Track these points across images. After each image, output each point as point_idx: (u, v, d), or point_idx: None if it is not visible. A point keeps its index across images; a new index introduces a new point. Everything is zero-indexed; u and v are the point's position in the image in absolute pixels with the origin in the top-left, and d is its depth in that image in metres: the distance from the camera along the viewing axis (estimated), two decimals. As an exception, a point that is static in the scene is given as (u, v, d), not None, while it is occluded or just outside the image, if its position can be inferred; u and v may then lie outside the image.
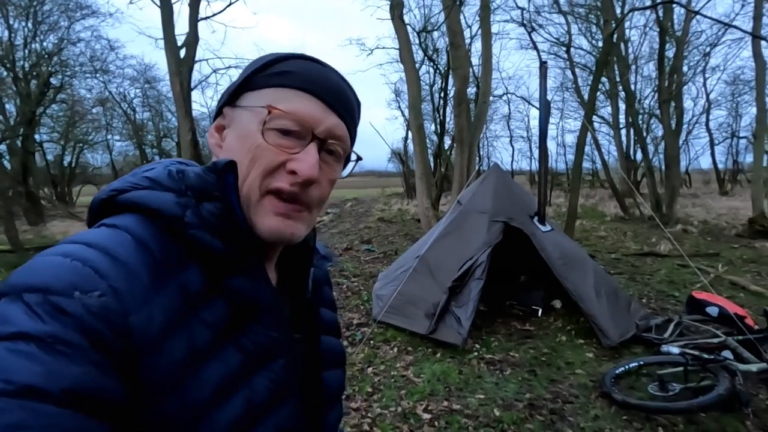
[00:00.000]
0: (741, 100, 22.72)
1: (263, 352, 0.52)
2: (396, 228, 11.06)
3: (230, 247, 0.50)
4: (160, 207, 0.48)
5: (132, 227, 0.47)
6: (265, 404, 0.51)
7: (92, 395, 0.38)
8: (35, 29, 15.81)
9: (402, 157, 21.20)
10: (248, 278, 0.51)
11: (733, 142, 25.31)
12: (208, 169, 0.51)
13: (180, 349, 0.44)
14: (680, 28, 13.38)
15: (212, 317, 0.48)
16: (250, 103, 0.54)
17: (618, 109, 17.26)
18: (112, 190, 0.51)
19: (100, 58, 18.24)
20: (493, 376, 3.48)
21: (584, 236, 9.88)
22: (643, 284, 6.00)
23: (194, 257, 0.49)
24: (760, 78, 10.95)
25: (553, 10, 16.98)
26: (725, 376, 2.92)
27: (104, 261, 0.43)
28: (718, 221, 11.90)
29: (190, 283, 0.47)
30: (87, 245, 0.44)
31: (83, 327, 0.39)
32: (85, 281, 0.41)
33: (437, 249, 4.64)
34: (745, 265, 6.95)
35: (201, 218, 0.49)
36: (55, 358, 0.37)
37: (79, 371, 0.37)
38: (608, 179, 17.27)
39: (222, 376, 0.47)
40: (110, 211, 0.50)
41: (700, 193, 22.71)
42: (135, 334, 0.41)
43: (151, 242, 0.47)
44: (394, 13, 8.87)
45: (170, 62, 10.03)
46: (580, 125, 7.70)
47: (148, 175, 0.52)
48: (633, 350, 3.87)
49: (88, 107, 21.35)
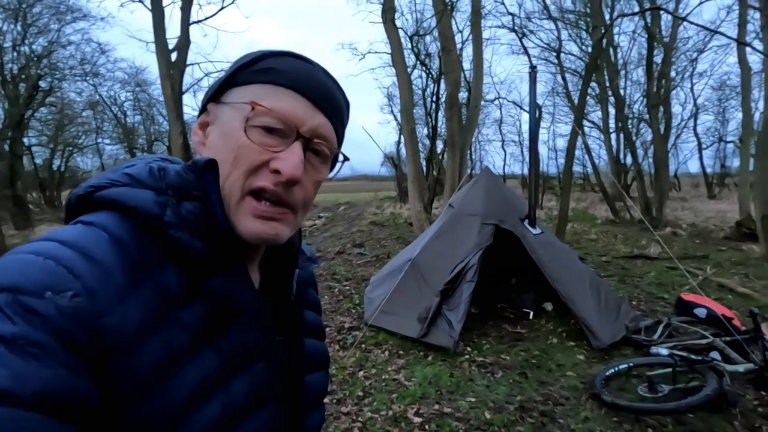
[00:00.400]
0: (728, 105, 23.15)
1: (242, 355, 0.51)
2: (388, 231, 11.06)
3: (210, 248, 0.49)
4: (137, 205, 0.47)
5: (108, 225, 0.46)
6: (244, 407, 0.50)
7: (63, 398, 0.37)
8: (24, 32, 15.62)
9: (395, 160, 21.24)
10: (228, 279, 0.50)
11: (721, 147, 25.73)
12: (188, 168, 0.50)
13: (156, 351, 0.43)
14: (668, 35, 13.63)
15: (190, 319, 0.47)
16: (234, 100, 0.53)
17: (608, 113, 17.46)
18: (89, 186, 0.49)
19: (91, 61, 18.07)
20: (484, 379, 3.47)
21: (575, 239, 9.95)
22: (632, 286, 6.05)
23: (173, 257, 0.47)
24: (745, 83, 11.17)
25: (543, 16, 17.20)
26: (713, 376, 2.95)
27: (78, 260, 0.41)
28: (706, 224, 12.07)
29: (167, 283, 0.46)
30: (61, 243, 0.42)
31: (54, 328, 0.38)
32: (57, 281, 0.39)
33: (429, 252, 4.65)
34: (733, 267, 7.05)
35: (181, 218, 0.48)
36: (25, 360, 0.36)
37: (49, 374, 0.36)
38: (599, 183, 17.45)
39: (199, 379, 0.46)
40: (88, 207, 0.49)
41: (689, 197, 23.03)
42: (108, 335, 0.40)
43: (127, 241, 0.45)
44: (386, 17, 8.91)
45: (161, 66, 9.97)
46: (571, 129, 7.78)
47: (128, 172, 0.50)
48: (623, 352, 3.89)
49: (77, 110, 21.12)
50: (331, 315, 5.00)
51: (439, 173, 15.17)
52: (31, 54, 15.90)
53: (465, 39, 15.71)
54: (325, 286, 6.15)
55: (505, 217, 4.61)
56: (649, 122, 13.79)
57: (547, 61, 19.68)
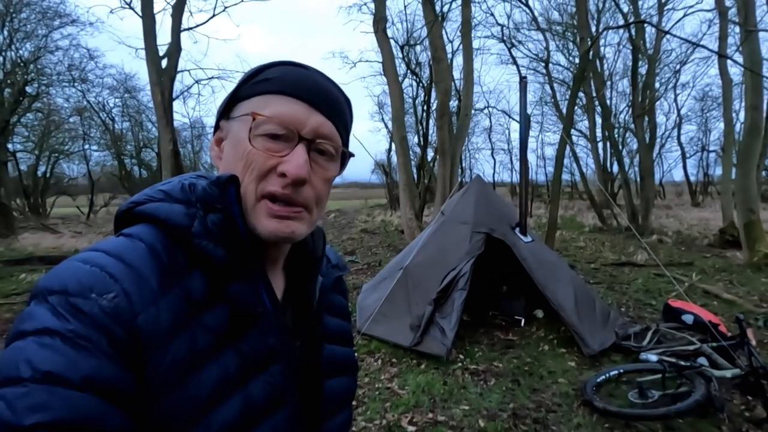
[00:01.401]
0: (710, 116, 23.80)
1: (261, 358, 0.54)
2: (379, 239, 11.07)
3: (232, 256, 0.53)
4: (168, 217, 0.53)
5: (144, 236, 0.52)
6: (262, 408, 0.53)
7: (107, 383, 0.43)
8: (11, 37, 15.42)
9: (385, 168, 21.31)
10: (248, 285, 0.54)
11: (704, 156, 26.38)
12: (212, 183, 0.55)
13: (182, 350, 0.47)
14: (652, 47, 13.98)
15: (213, 322, 0.51)
16: (239, 113, 0.58)
17: (595, 123, 17.80)
18: (131, 203, 0.56)
19: (79, 67, 17.87)
20: (477, 387, 3.48)
21: (564, 246, 10.07)
22: (621, 293, 6.13)
23: (199, 265, 0.52)
24: (726, 95, 11.48)
25: (531, 27, 17.57)
26: (701, 382, 3.00)
27: (118, 267, 0.47)
28: (690, 231, 12.30)
29: (193, 288, 0.51)
30: (105, 253, 0.49)
31: (98, 324, 0.43)
32: (100, 284, 0.45)
33: (420, 260, 4.66)
34: (717, 274, 7.19)
35: (206, 228, 0.53)
36: (76, 350, 0.42)
37: (96, 362, 0.42)
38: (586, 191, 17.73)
39: (219, 379, 0.49)
40: (129, 221, 0.55)
41: (673, 205, 23.50)
42: (142, 332, 0.45)
43: (160, 250, 0.51)
44: (378, 27, 9.00)
45: (151, 72, 9.89)
46: (560, 138, 7.90)
47: (163, 189, 0.57)
48: (613, 358, 3.94)
49: (64, 116, 20.83)
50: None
51: (430, 181, 15.26)
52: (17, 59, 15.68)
53: (455, 49, 15.97)
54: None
55: (496, 226, 4.66)
56: (634, 132, 14.08)
57: (535, 71, 20.08)
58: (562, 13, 17.30)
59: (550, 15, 18.20)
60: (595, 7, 15.83)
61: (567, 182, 29.27)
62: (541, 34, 17.85)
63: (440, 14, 9.77)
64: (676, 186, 31.51)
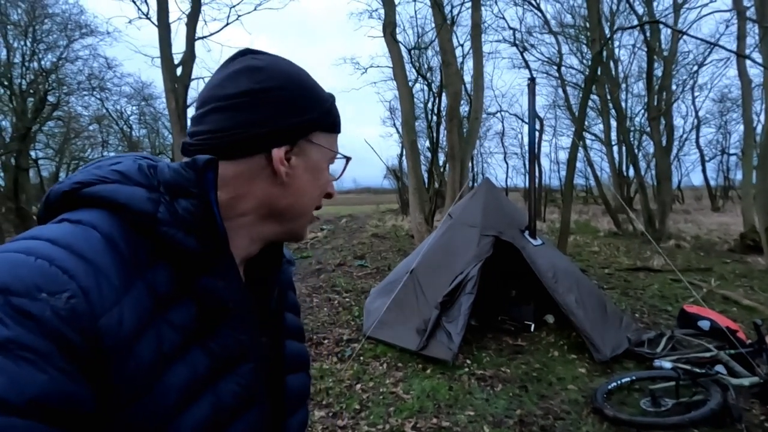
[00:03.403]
0: (729, 118, 23.19)
1: (231, 356, 0.51)
2: (390, 243, 11.03)
3: (205, 246, 0.48)
4: (128, 202, 0.46)
5: (98, 223, 0.44)
6: (232, 409, 0.50)
7: (59, 405, 0.36)
8: (34, 48, 15.94)
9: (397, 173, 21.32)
10: (221, 278, 0.50)
11: (724, 159, 25.71)
12: (187, 165, 0.50)
13: (148, 353, 0.42)
14: (668, 48, 13.73)
15: (181, 319, 0.46)
16: (322, 143, 0.60)
17: (609, 126, 17.50)
18: (76, 183, 0.48)
19: (98, 76, 18.34)
20: (483, 392, 3.41)
21: (577, 251, 9.89)
22: (635, 299, 5.97)
23: (163, 256, 0.47)
24: (746, 96, 11.18)
25: (543, 30, 17.44)
26: (717, 390, 2.89)
27: (71, 260, 0.40)
28: (709, 236, 11.98)
29: (158, 282, 0.45)
30: (51, 242, 0.41)
31: (49, 331, 0.37)
32: (51, 282, 0.38)
33: (427, 263, 4.62)
34: (737, 280, 6.96)
35: (175, 215, 0.47)
36: (19, 365, 0.35)
37: (45, 379, 0.36)
38: (601, 195, 17.43)
39: (188, 381, 0.45)
40: (71, 204, 0.47)
41: (692, 209, 22.93)
42: (105, 337, 0.39)
43: (118, 240, 0.44)
44: (387, 31, 9.04)
45: (166, 80, 10.12)
46: (571, 141, 7.79)
47: (117, 169, 0.49)
48: (625, 365, 3.82)
49: (84, 124, 21.40)
50: (330, 327, 4.96)
51: (440, 185, 15.20)
52: (39, 69, 16.19)
53: (466, 53, 15.93)
54: (324, 298, 6.12)
55: (505, 229, 4.59)
56: (650, 135, 13.80)
57: (548, 74, 19.89)
58: (575, 15, 17.15)
59: (562, 18, 18.06)
60: (608, 9, 15.66)
61: (581, 186, 28.86)
62: (553, 37, 17.72)
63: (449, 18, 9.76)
64: (695, 190, 30.74)
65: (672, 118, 14.58)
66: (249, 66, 0.56)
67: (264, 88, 0.55)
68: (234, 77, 0.55)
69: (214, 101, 0.55)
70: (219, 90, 0.55)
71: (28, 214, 14.52)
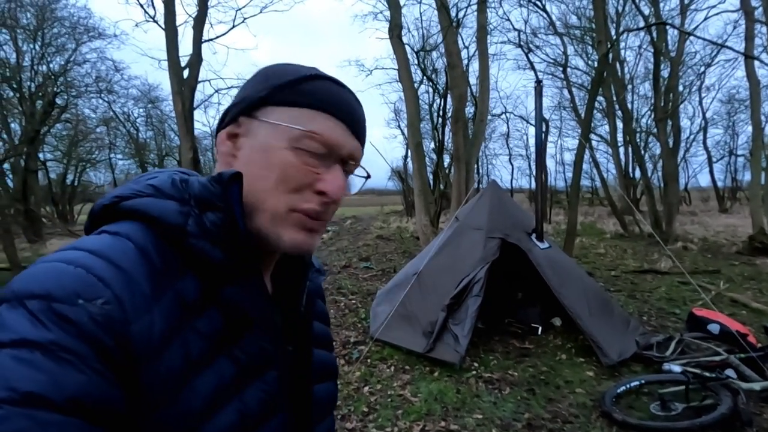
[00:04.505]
0: (737, 119, 23.00)
1: (256, 364, 0.52)
2: (395, 245, 11.04)
3: (230, 257, 0.50)
4: (161, 215, 0.48)
5: (133, 235, 0.47)
6: (257, 416, 0.51)
7: (95, 403, 0.38)
8: (43, 51, 16.13)
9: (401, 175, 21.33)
10: (245, 288, 0.51)
11: (731, 160, 25.49)
12: (214, 180, 0.52)
13: (176, 360, 0.44)
14: (674, 49, 13.64)
15: (207, 327, 0.48)
16: (275, 120, 0.53)
17: (616, 127, 17.40)
18: (115, 197, 0.51)
19: (105, 79, 18.54)
20: (491, 395, 3.41)
21: (583, 253, 9.84)
22: (642, 301, 5.94)
23: (191, 266, 0.49)
24: (754, 97, 11.09)
25: (549, 31, 17.37)
26: (727, 394, 2.87)
27: (107, 269, 0.43)
28: (717, 238, 11.87)
29: (186, 292, 0.47)
30: (90, 252, 0.44)
31: (86, 335, 0.39)
32: (88, 289, 0.41)
33: (434, 266, 4.62)
34: (746, 282, 6.90)
35: (203, 227, 0.49)
36: (59, 366, 0.37)
37: (82, 379, 0.38)
38: (607, 197, 17.33)
39: (214, 388, 0.47)
40: (112, 217, 0.50)
41: (699, 211, 22.74)
42: (136, 343, 0.41)
43: (151, 250, 0.47)
44: (393, 33, 9.06)
45: (173, 82, 10.17)
46: (578, 143, 7.77)
47: (152, 183, 0.52)
48: (633, 369, 3.80)
49: (92, 126, 21.61)
50: (337, 329, 4.97)
51: (446, 187, 15.18)
52: (48, 72, 16.37)
53: (471, 54, 15.92)
54: (330, 300, 6.13)
55: (511, 231, 4.58)
56: (657, 136, 13.72)
57: (553, 75, 19.82)
58: (581, 16, 17.07)
59: (568, 19, 17.99)
60: (614, 11, 15.57)
61: (587, 188, 28.71)
62: (558, 38, 17.65)
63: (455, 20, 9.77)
64: (702, 192, 30.49)
65: (679, 119, 14.49)
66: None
67: (245, 82, 0.59)
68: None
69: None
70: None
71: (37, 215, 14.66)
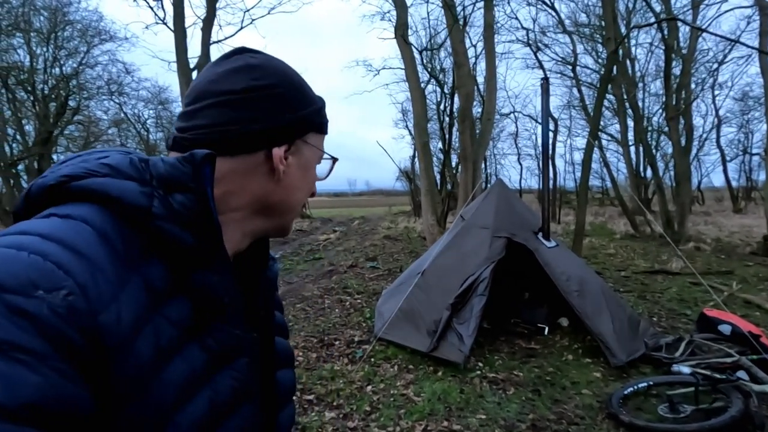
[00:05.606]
0: (751, 117, 22.50)
1: (227, 351, 0.51)
2: (401, 245, 11.01)
3: (200, 241, 0.47)
4: (121, 196, 0.44)
5: (89, 218, 0.43)
6: (228, 404, 0.50)
7: (56, 407, 0.34)
8: (55, 54, 16.41)
9: (409, 175, 21.29)
10: (216, 273, 0.49)
11: (746, 159, 24.97)
12: (185, 159, 0.49)
13: (146, 350, 0.41)
14: (686, 46, 13.42)
15: (176, 314, 0.46)
16: (314, 143, 0.62)
17: (626, 126, 17.15)
18: (63, 176, 0.45)
19: (117, 81, 18.78)
20: (495, 396, 3.37)
21: (592, 253, 9.71)
22: (653, 302, 5.83)
23: (156, 250, 0.46)
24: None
25: (557, 30, 17.21)
26: (738, 397, 2.80)
27: (66, 255, 0.38)
28: (731, 239, 11.65)
29: (153, 278, 0.45)
30: (42, 237, 0.39)
31: (47, 330, 0.35)
32: (47, 278, 0.36)
33: (439, 264, 4.58)
34: (760, 283, 6.75)
35: (170, 209, 0.46)
36: (13, 367, 0.33)
37: (40, 382, 0.34)
38: (617, 196, 17.09)
39: (185, 377, 0.45)
40: (57, 199, 0.45)
41: (712, 211, 22.33)
42: (105, 335, 0.38)
43: (111, 234, 0.43)
44: (399, 33, 9.04)
45: (182, 84, 10.30)
46: (586, 142, 7.67)
47: (106, 162, 0.47)
48: (642, 370, 3.73)
49: (103, 128, 21.91)
50: (341, 328, 4.96)
51: (453, 187, 15.12)
52: (61, 75, 16.65)
53: (478, 53, 15.82)
54: (336, 300, 6.13)
55: (517, 230, 4.53)
56: (668, 135, 13.51)
57: (562, 74, 19.61)
58: (590, 14, 16.87)
59: (577, 17, 17.80)
60: (624, 7, 15.36)
61: (597, 188, 28.36)
62: (567, 36, 17.48)
63: (461, 18, 9.72)
64: (715, 191, 29.93)
65: (691, 118, 14.26)
66: (246, 64, 0.57)
67: (261, 85, 0.56)
68: (231, 74, 0.56)
69: (210, 96, 0.55)
70: (216, 86, 0.55)
71: (50, 215, 14.90)
